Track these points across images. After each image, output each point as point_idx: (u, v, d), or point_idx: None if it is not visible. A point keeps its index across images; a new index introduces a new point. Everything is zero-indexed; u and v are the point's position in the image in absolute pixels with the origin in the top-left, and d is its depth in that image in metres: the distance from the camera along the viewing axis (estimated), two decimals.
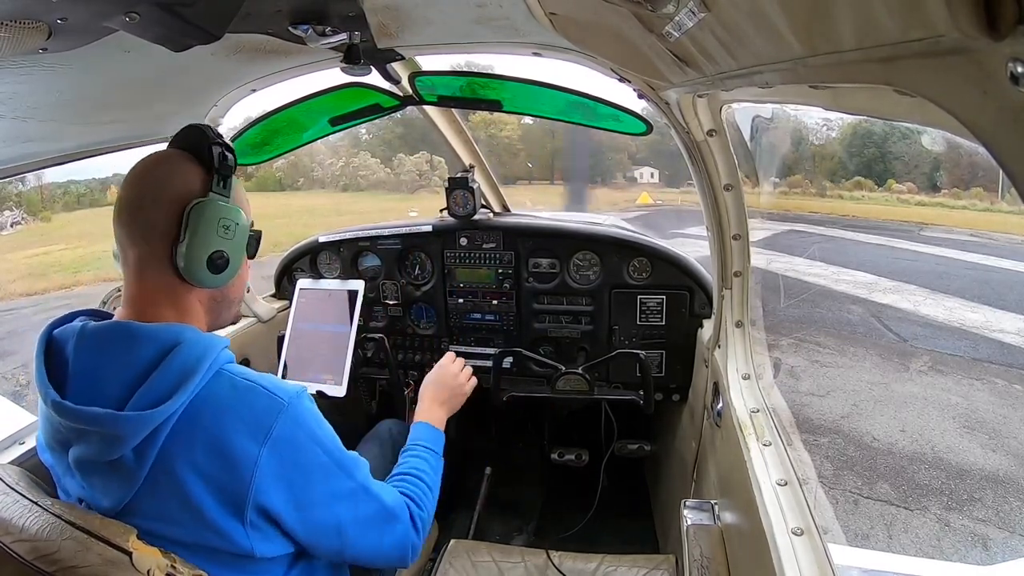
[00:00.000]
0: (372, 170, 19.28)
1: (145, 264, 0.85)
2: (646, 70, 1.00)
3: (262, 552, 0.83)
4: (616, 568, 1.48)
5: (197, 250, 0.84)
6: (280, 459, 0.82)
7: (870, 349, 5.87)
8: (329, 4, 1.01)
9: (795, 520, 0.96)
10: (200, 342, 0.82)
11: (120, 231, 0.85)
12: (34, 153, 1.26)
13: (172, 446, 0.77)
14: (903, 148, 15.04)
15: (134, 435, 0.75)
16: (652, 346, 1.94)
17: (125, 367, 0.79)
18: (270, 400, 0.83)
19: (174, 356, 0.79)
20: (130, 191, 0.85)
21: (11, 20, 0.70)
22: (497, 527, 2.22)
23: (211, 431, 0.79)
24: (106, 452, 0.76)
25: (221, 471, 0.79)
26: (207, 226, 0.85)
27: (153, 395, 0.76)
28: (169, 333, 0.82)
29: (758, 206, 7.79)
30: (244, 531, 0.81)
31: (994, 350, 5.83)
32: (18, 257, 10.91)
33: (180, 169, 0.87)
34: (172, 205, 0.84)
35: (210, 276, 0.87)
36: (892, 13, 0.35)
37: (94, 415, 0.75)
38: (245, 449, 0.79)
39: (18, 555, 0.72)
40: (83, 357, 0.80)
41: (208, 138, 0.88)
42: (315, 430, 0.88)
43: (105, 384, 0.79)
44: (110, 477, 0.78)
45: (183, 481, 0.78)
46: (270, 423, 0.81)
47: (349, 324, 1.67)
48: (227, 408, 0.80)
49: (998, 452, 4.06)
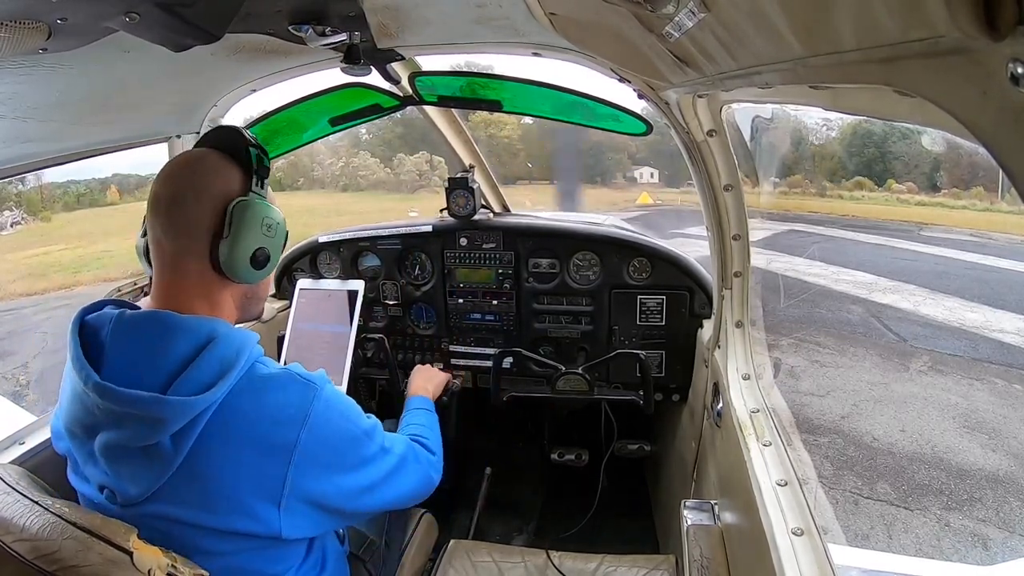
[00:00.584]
0: (372, 170, 19.27)
1: (183, 257, 0.87)
2: (646, 70, 1.00)
3: (289, 534, 0.86)
4: (616, 568, 1.48)
5: (241, 246, 0.87)
6: (318, 439, 0.86)
7: (870, 349, 5.87)
8: (329, 4, 1.01)
9: (795, 520, 0.96)
10: (237, 337, 0.86)
11: (158, 225, 0.87)
12: (34, 153, 1.26)
13: (210, 434, 0.80)
14: (903, 148, 15.04)
15: (177, 420, 0.77)
16: (652, 346, 1.94)
17: (164, 355, 0.81)
18: (305, 386, 0.88)
19: (213, 348, 0.82)
20: (168, 187, 0.87)
21: (11, 20, 0.70)
22: (497, 527, 2.22)
23: (250, 418, 0.82)
24: (144, 436, 0.77)
25: (260, 456, 0.82)
26: (252, 224, 0.88)
27: (195, 384, 0.79)
28: (206, 326, 0.85)
29: (758, 206, 7.79)
30: (277, 513, 0.84)
31: (994, 350, 5.83)
32: (18, 257, 10.90)
33: (219, 168, 0.90)
34: (214, 202, 0.87)
35: (250, 272, 0.90)
36: (892, 13, 0.35)
37: (139, 397, 0.77)
38: (284, 435, 0.84)
39: (19, 554, 0.72)
40: (121, 343, 0.82)
41: (245, 139, 0.92)
42: (344, 407, 0.94)
43: (144, 372, 0.80)
44: (141, 464, 0.79)
45: (221, 467, 0.81)
46: (307, 407, 0.86)
47: (349, 324, 1.67)
48: (265, 395, 0.84)
49: (998, 452, 4.06)
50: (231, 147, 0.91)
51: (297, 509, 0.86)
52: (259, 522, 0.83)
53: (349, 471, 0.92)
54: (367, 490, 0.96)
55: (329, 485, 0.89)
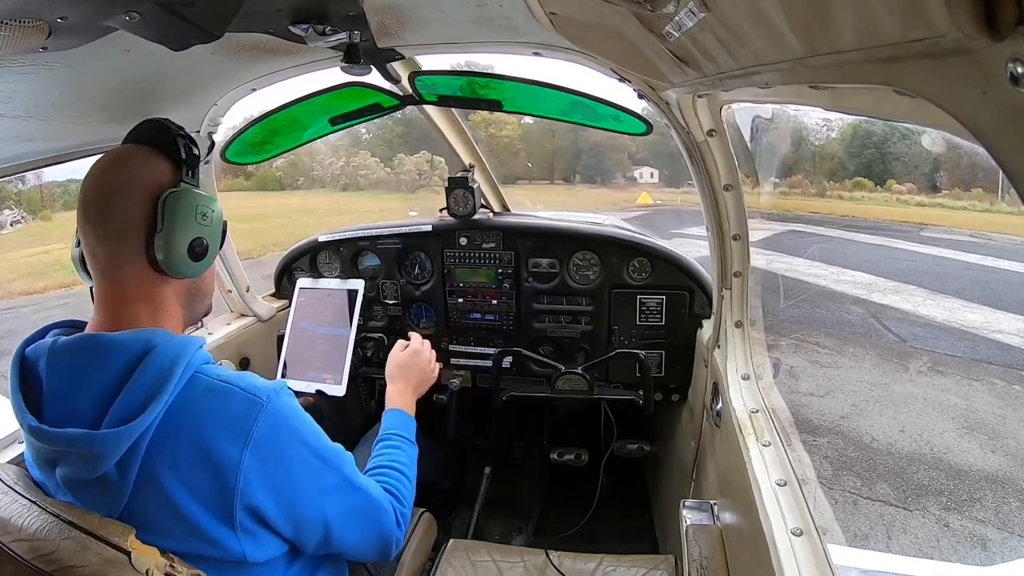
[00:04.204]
0: (372, 169, 19.28)
1: (118, 261, 0.83)
2: (646, 70, 1.00)
3: (254, 557, 0.83)
4: (615, 568, 1.48)
5: (176, 239, 0.84)
6: (263, 460, 0.81)
7: (869, 349, 5.87)
8: (329, 4, 1.01)
9: (794, 520, 0.96)
10: (173, 344, 0.80)
11: (89, 230, 0.83)
12: (34, 152, 1.26)
13: (154, 457, 0.76)
14: (903, 148, 15.06)
15: (113, 452, 0.73)
16: (652, 346, 1.94)
17: (97, 382, 0.77)
18: (248, 400, 0.81)
19: (147, 364, 0.77)
20: (96, 189, 0.83)
21: (11, 19, 0.70)
22: (497, 527, 2.22)
23: (192, 438, 0.78)
24: (89, 471, 0.75)
25: (206, 478, 0.78)
26: (185, 214, 0.84)
27: (127, 408, 0.75)
28: (140, 339, 0.79)
29: (758, 206, 7.79)
30: (236, 537, 0.80)
31: (993, 350, 5.84)
32: (18, 256, 10.90)
33: (147, 162, 0.86)
34: (144, 196, 0.83)
35: (189, 264, 0.86)
36: (892, 13, 0.35)
37: (70, 436, 0.74)
38: (227, 453, 0.78)
39: (17, 554, 0.72)
40: (55, 376, 0.78)
41: (171, 131, 0.88)
42: (297, 427, 0.87)
43: (80, 401, 0.77)
44: (98, 493, 0.77)
45: (169, 492, 0.77)
46: (250, 425, 0.80)
47: (349, 324, 1.67)
48: (205, 413, 0.79)
49: (997, 453, 4.06)
50: (158, 140, 0.88)
51: (253, 530, 0.82)
52: (221, 547, 0.80)
53: (302, 501, 0.87)
54: (320, 525, 0.90)
55: (281, 510, 0.84)
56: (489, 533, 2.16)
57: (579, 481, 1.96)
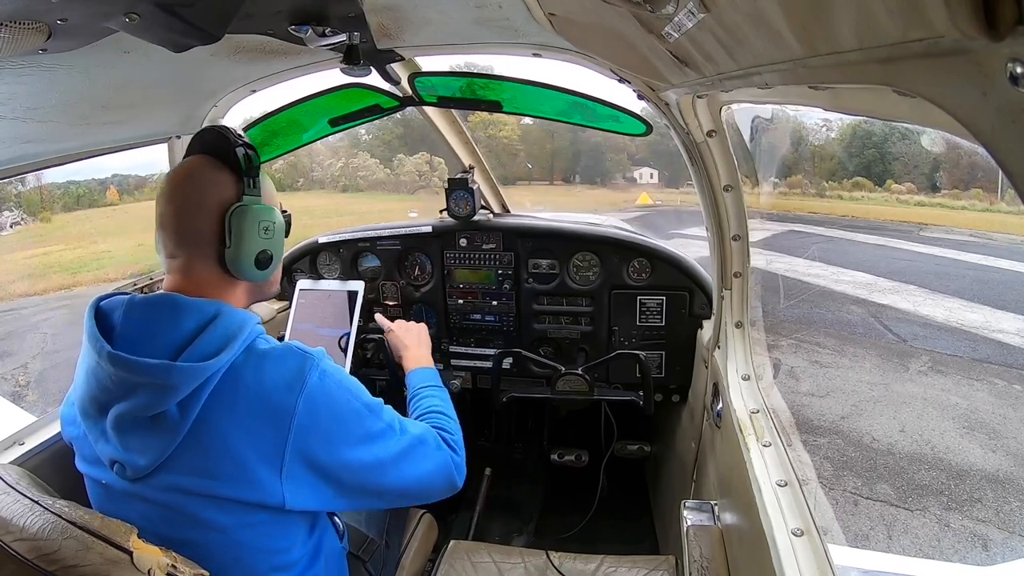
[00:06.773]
0: (372, 171, 19.28)
1: (193, 263, 0.94)
2: (646, 71, 1.01)
3: (292, 503, 0.88)
4: (616, 569, 1.48)
5: (244, 252, 0.94)
6: (316, 406, 0.89)
7: (870, 349, 5.87)
8: (329, 5, 1.01)
9: (795, 521, 0.96)
10: (239, 314, 0.92)
11: (168, 240, 0.93)
12: (34, 153, 1.26)
13: (215, 401, 0.84)
14: (902, 148, 15.06)
15: (186, 385, 0.81)
16: (652, 347, 1.94)
17: (169, 333, 0.86)
18: (301, 357, 0.92)
19: (217, 323, 0.88)
20: (169, 205, 0.93)
21: (11, 20, 0.70)
22: (497, 528, 2.22)
23: (251, 386, 0.86)
24: (154, 404, 0.81)
25: (261, 422, 0.86)
26: (249, 230, 0.94)
27: (201, 353, 0.84)
28: (212, 305, 0.90)
29: (758, 206, 7.79)
30: (279, 480, 0.86)
31: (993, 350, 5.83)
32: (18, 258, 10.90)
33: (211, 177, 0.94)
34: (212, 213, 0.93)
35: (258, 272, 0.98)
36: (892, 13, 0.35)
37: (149, 365, 0.81)
38: (283, 400, 0.87)
39: (19, 554, 0.72)
40: (132, 321, 0.87)
41: (231, 141, 0.95)
42: (342, 379, 0.96)
43: (152, 345, 0.85)
44: (150, 433, 0.83)
45: (225, 433, 0.84)
46: (304, 377, 0.89)
47: (349, 325, 1.67)
48: (265, 365, 0.89)
49: (998, 452, 4.06)
50: (220, 151, 0.95)
51: (298, 476, 0.88)
52: (262, 490, 0.86)
53: (352, 444, 0.93)
54: (373, 467, 0.96)
55: (328, 454, 0.90)
56: (489, 534, 2.16)
57: (579, 482, 1.97)
